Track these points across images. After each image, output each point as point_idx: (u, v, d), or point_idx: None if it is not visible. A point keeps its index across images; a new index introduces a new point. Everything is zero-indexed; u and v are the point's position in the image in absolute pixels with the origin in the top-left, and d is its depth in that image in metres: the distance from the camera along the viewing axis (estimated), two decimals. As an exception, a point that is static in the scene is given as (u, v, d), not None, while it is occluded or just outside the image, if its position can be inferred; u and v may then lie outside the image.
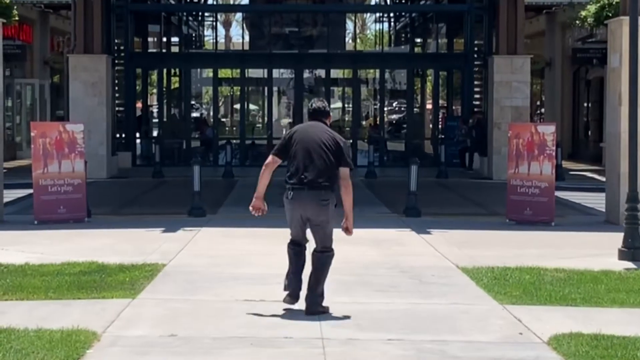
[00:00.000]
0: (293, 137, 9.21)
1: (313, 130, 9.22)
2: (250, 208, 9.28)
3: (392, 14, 39.70)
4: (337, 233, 9.60)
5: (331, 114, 9.61)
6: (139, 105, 33.73)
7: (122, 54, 30.00)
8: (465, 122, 30.22)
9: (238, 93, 36.04)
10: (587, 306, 9.58)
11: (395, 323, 8.76)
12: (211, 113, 36.24)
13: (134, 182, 25.36)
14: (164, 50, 36.56)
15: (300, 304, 9.16)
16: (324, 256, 9.23)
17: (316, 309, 9.04)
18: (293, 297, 9.24)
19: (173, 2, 38.26)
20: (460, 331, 8.52)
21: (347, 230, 9.22)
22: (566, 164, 29.16)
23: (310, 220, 9.13)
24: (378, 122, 34.66)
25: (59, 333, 8.10)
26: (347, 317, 8.98)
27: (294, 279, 9.26)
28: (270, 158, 9.26)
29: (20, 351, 7.52)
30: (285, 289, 9.29)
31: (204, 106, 48.50)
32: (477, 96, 30.45)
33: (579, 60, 33.16)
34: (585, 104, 35.59)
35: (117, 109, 29.16)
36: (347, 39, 42.05)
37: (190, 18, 38.11)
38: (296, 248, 9.33)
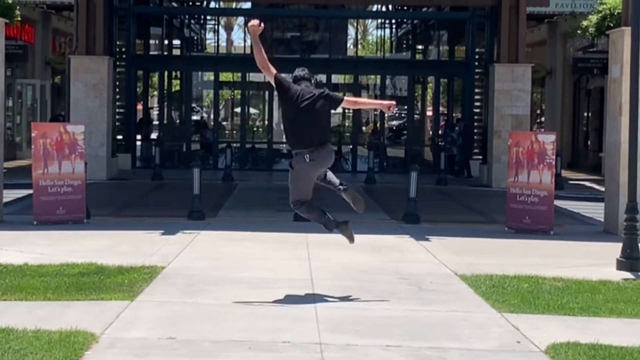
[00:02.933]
0: (291, 93, 10.44)
1: (305, 95, 10.35)
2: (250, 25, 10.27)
3: (394, 21, 39.75)
4: (336, 237, 9.64)
5: (312, 79, 10.69)
6: (139, 107, 33.75)
7: (124, 56, 30.05)
8: (452, 129, 30.18)
9: (239, 97, 36.09)
10: (585, 316, 9.57)
11: (394, 329, 8.76)
12: (212, 116, 36.25)
13: (134, 184, 25.37)
14: (165, 53, 36.62)
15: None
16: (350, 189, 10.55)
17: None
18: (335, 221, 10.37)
19: (175, 5, 38.29)
20: (459, 338, 8.52)
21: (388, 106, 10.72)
22: (565, 173, 29.19)
23: (325, 170, 10.44)
24: (378, 128, 34.71)
25: (57, 334, 8.09)
26: (345, 323, 8.99)
27: (324, 216, 10.35)
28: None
29: (18, 351, 7.52)
30: (332, 227, 10.34)
31: (204, 109, 48.55)
32: (477, 104, 30.49)
33: (580, 69, 33.23)
34: (585, 114, 35.64)
35: (117, 110, 29.17)
36: (348, 45, 42.13)
37: (192, 21, 38.17)
38: (305, 203, 10.34)
